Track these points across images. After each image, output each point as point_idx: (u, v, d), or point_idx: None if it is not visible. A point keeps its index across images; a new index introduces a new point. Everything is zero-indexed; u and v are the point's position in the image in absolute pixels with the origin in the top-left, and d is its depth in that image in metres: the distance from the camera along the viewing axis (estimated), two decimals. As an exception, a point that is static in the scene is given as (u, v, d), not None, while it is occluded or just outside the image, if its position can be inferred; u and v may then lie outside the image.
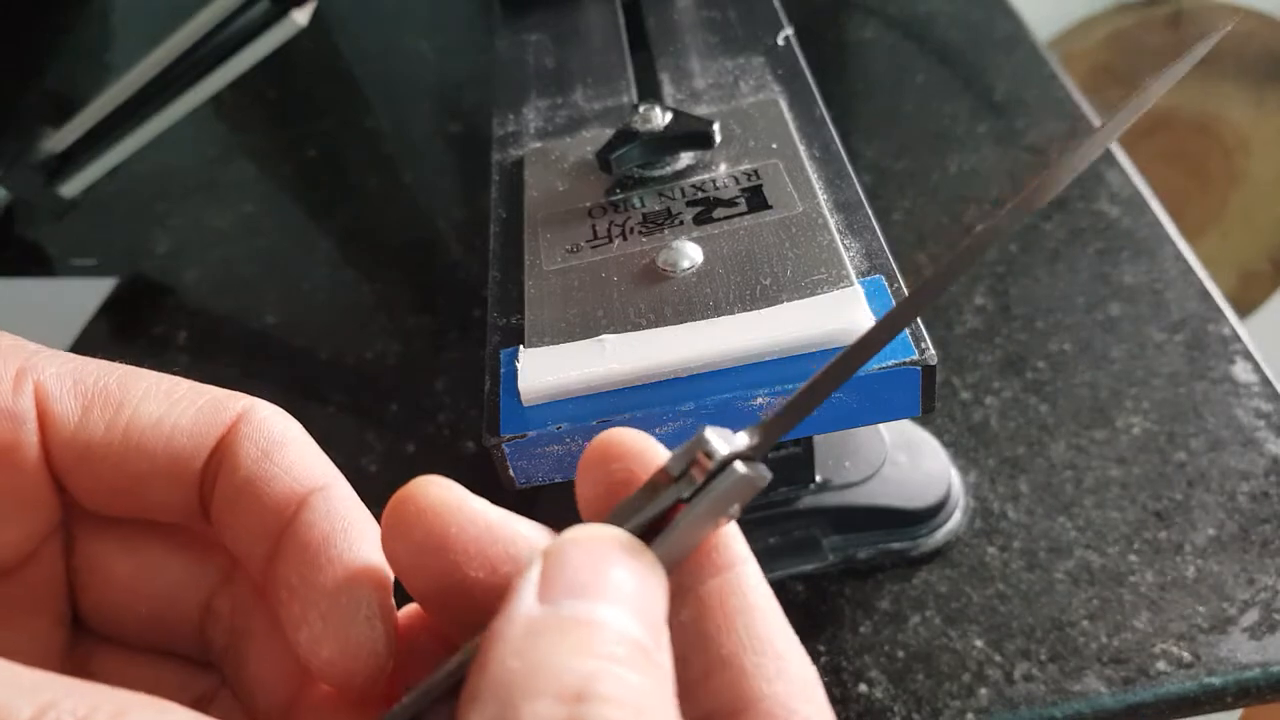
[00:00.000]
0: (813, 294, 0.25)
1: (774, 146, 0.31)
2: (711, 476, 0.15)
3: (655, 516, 0.15)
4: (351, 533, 0.16)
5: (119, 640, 0.17)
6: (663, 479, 0.15)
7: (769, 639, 0.15)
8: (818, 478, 0.33)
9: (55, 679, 0.12)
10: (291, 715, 0.17)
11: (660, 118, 0.30)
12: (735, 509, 0.15)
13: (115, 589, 0.17)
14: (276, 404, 0.17)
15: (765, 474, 0.15)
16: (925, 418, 0.36)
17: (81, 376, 0.16)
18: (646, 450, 0.15)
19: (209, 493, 0.16)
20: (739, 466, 0.15)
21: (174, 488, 0.16)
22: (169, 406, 0.16)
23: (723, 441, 0.15)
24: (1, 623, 0.16)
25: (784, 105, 0.33)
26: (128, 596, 0.17)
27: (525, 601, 0.13)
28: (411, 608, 0.17)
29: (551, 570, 0.13)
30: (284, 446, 0.16)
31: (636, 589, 0.13)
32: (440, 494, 0.15)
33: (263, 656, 0.17)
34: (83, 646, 0.17)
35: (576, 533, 0.14)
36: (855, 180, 0.29)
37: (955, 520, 0.33)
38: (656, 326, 0.25)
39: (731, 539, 0.15)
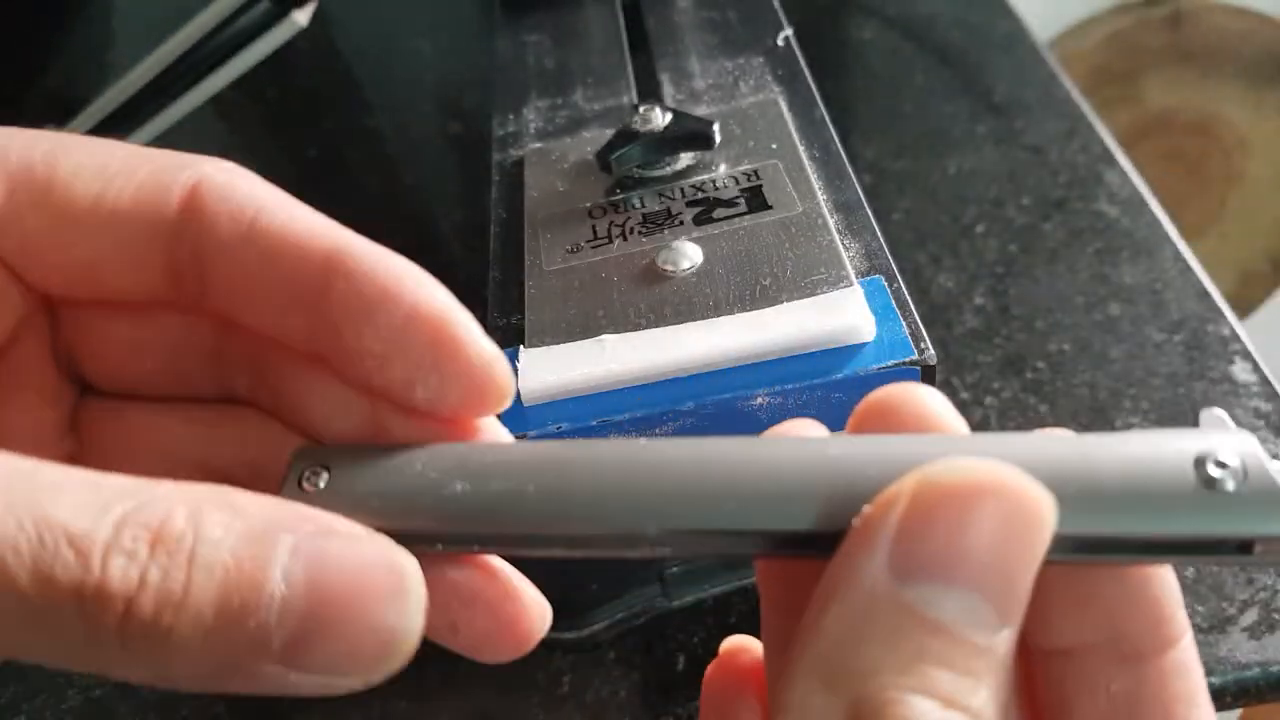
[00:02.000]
0: (812, 294, 0.25)
1: (774, 147, 0.31)
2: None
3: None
4: (408, 281, 0.15)
5: (135, 396, 0.17)
6: None
7: None
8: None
9: (120, 486, 0.12)
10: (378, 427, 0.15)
11: (660, 118, 0.30)
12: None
13: (113, 351, 0.16)
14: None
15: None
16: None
17: (4, 155, 0.14)
18: (937, 409, 0.14)
19: (187, 273, 0.15)
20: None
21: (130, 271, 0.15)
22: (104, 184, 0.14)
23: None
24: None
25: (784, 106, 0.33)
26: (128, 355, 0.16)
27: (874, 566, 0.12)
28: None
29: (912, 531, 0.12)
30: (264, 210, 0.15)
31: (1010, 565, 0.12)
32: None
33: (323, 396, 0.16)
34: (94, 409, 0.17)
35: (948, 473, 0.12)
36: (855, 180, 0.29)
37: (955, 520, 0.33)
38: (656, 326, 0.25)
39: (1181, 607, 0.14)
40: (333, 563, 0.12)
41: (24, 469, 0.11)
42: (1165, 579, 0.14)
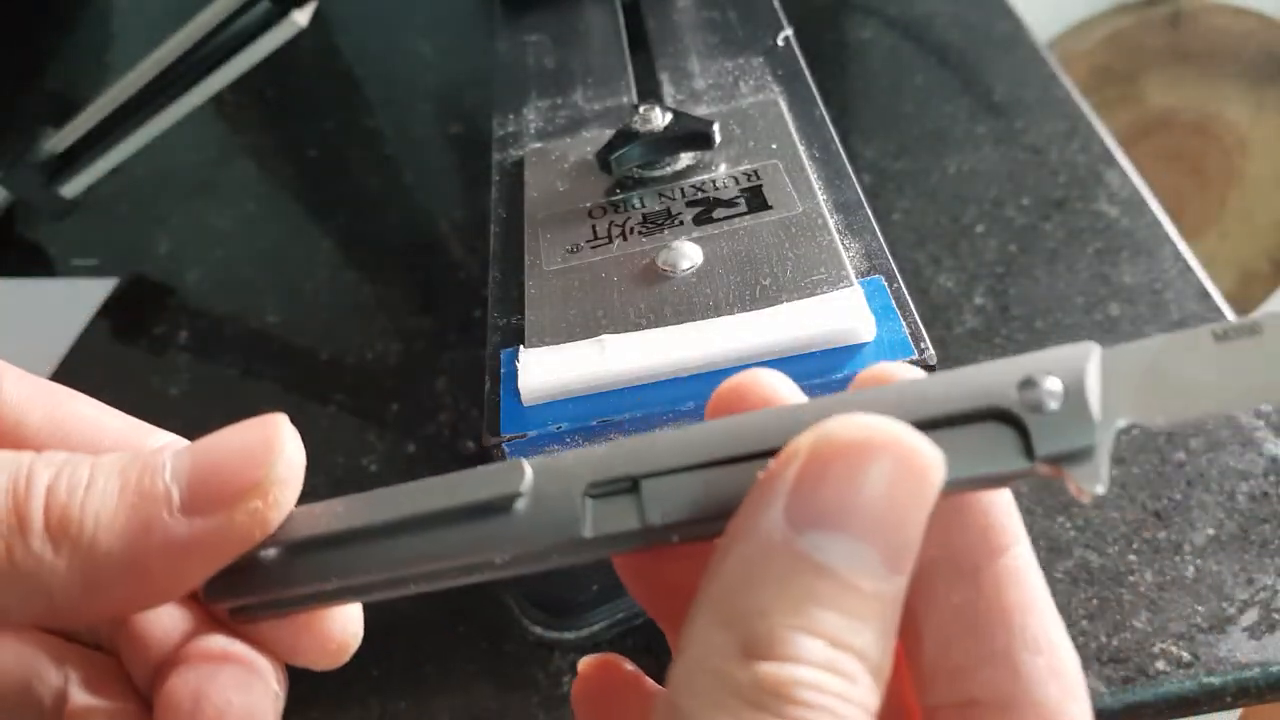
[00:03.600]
0: (812, 294, 0.25)
1: (774, 147, 0.31)
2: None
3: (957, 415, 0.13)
4: None
5: None
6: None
7: (1044, 634, 0.14)
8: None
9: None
10: None
11: (660, 118, 0.30)
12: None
13: None
14: (277, 403, 0.17)
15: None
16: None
17: (39, 380, 0.17)
18: (785, 394, 0.15)
19: None
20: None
21: None
22: (101, 412, 0.17)
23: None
24: None
25: (784, 106, 0.33)
26: None
27: (771, 516, 0.13)
28: None
29: (807, 484, 0.13)
30: None
31: (899, 517, 0.12)
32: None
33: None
34: None
35: (843, 430, 0.13)
36: (854, 180, 0.29)
37: (955, 520, 0.33)
38: (656, 327, 0.25)
39: (1011, 515, 0.15)
40: (211, 439, 0.15)
41: None
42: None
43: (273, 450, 0.14)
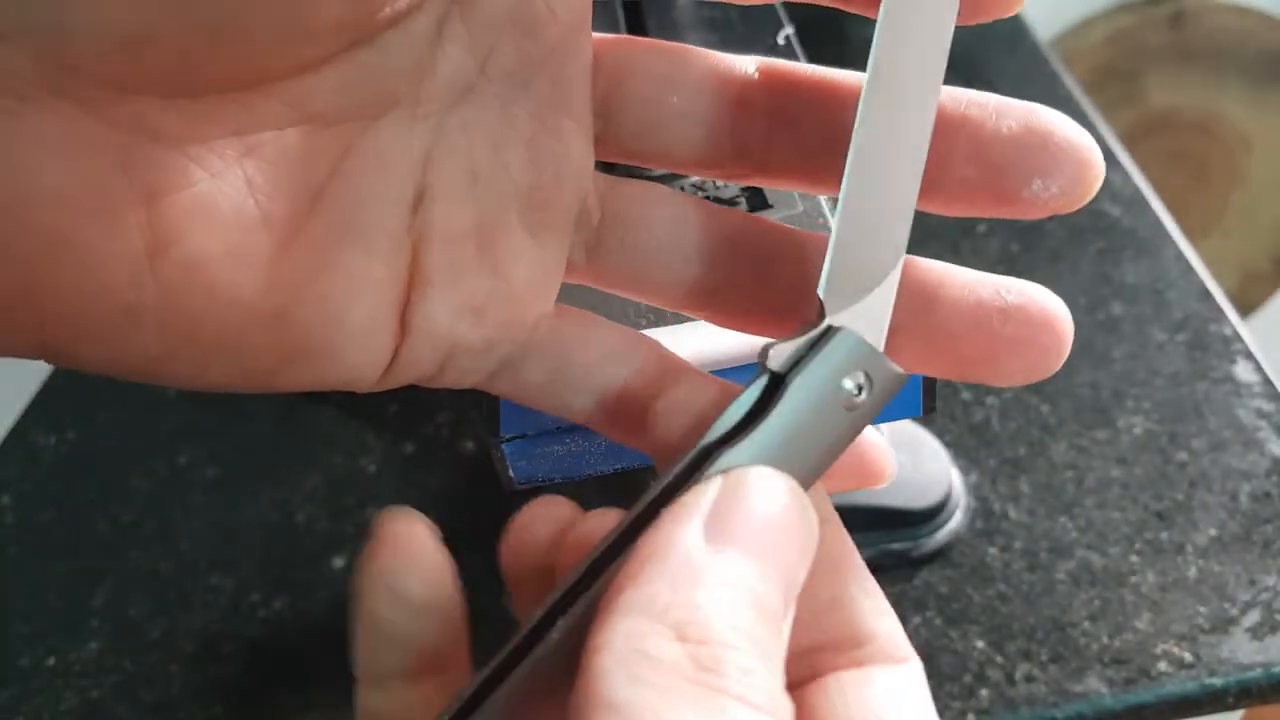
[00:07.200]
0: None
1: (774, 145, 0.30)
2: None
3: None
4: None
5: None
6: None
7: (868, 581, 0.16)
8: (818, 478, 0.33)
9: None
10: None
11: (660, 116, 0.30)
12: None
13: None
14: (276, 403, 0.17)
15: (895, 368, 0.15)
16: (926, 418, 0.36)
17: None
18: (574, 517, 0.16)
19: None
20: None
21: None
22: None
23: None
24: None
25: (784, 104, 0.33)
26: None
27: (692, 532, 0.13)
28: None
29: (726, 507, 0.13)
30: None
31: (793, 554, 0.13)
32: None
33: None
34: None
35: (759, 473, 0.14)
36: (856, 179, 0.29)
37: (956, 521, 0.33)
38: (656, 326, 0.25)
39: (821, 498, 0.16)
40: None
41: None
42: None
43: None
